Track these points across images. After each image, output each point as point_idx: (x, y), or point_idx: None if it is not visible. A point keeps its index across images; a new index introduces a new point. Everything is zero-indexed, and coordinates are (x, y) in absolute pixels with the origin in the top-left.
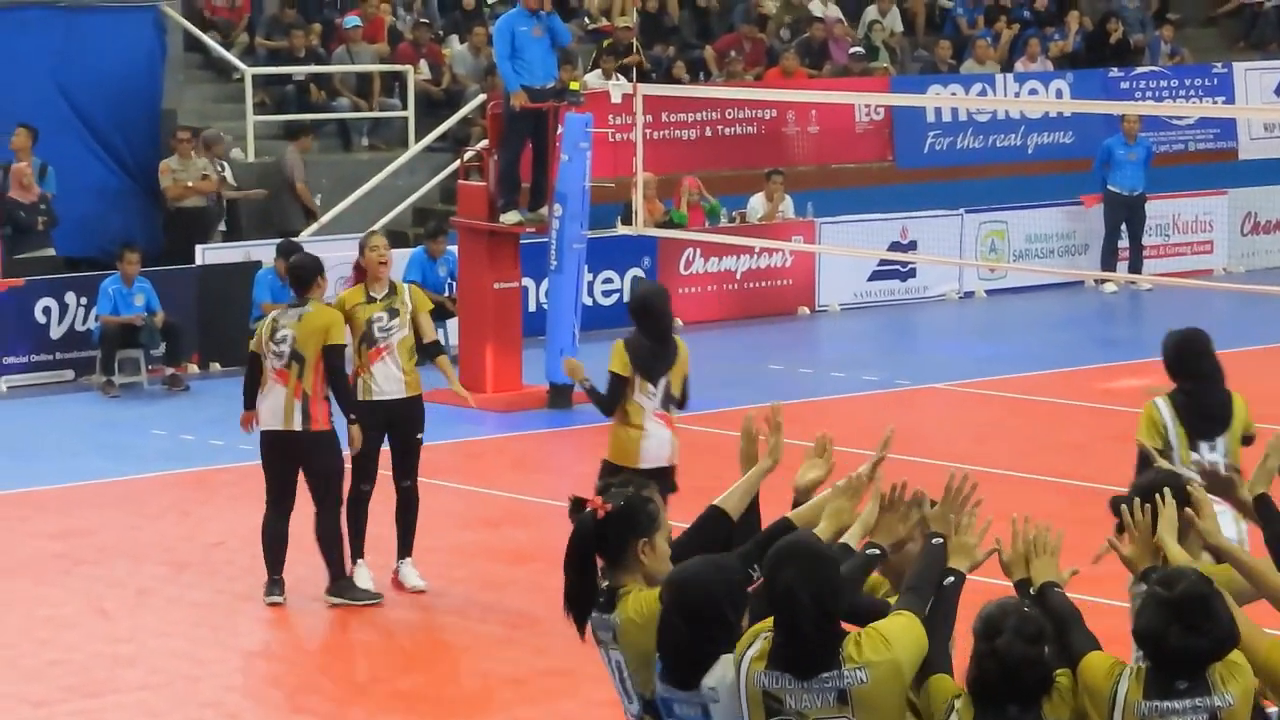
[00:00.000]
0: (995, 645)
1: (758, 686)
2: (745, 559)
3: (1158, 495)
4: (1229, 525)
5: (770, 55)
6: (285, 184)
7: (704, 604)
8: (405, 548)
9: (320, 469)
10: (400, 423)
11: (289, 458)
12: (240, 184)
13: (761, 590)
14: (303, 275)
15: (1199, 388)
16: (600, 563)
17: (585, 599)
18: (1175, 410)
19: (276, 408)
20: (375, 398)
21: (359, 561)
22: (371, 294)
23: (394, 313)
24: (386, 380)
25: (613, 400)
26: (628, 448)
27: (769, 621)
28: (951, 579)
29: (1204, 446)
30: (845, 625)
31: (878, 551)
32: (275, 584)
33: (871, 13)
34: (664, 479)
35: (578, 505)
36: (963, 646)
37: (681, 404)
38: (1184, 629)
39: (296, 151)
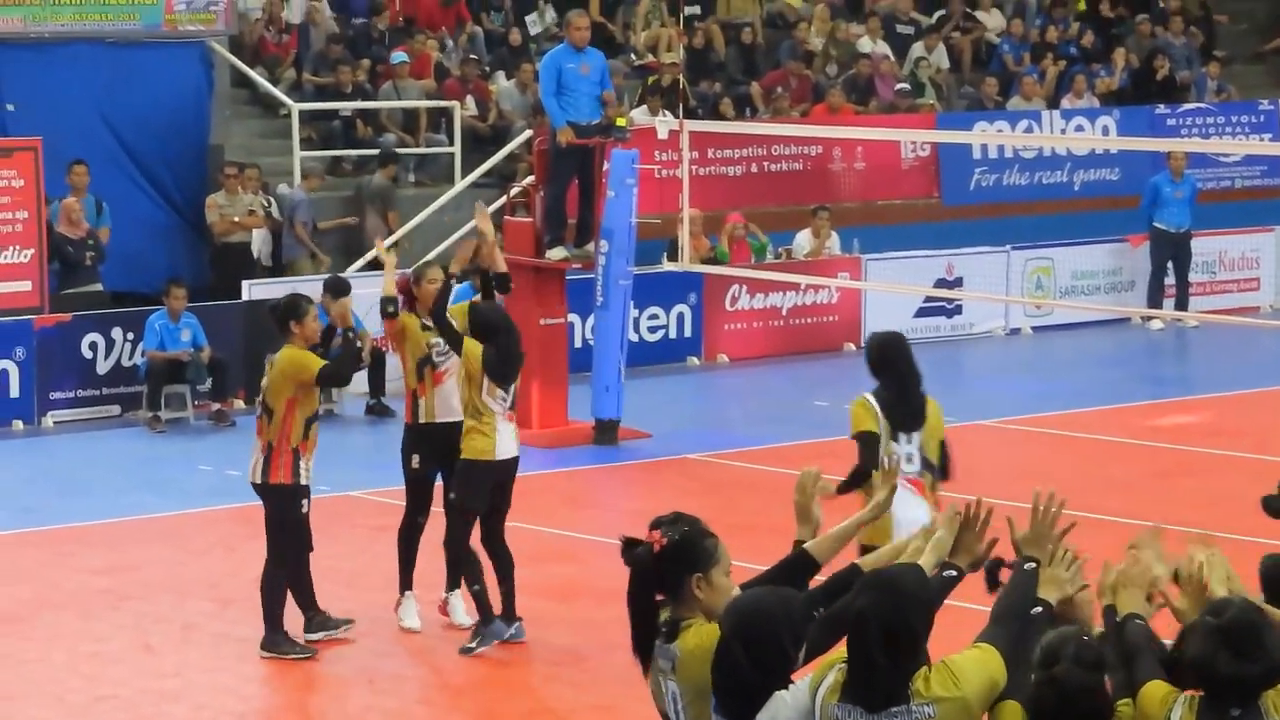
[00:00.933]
0: (1053, 673)
1: (830, 718)
2: (810, 603)
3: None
4: (921, 511)
5: (816, 91)
6: (378, 211)
7: (763, 631)
8: (454, 579)
9: (271, 521)
10: (454, 448)
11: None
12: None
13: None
14: (274, 318)
15: (899, 386)
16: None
17: (648, 636)
18: (881, 405)
19: (250, 460)
20: (438, 419)
21: (407, 594)
22: (426, 322)
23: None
24: (446, 404)
25: (450, 339)
26: (485, 446)
27: (843, 652)
28: (1039, 609)
29: (902, 438)
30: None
31: (955, 573)
32: (311, 621)
33: (918, 49)
34: (514, 468)
35: (630, 545)
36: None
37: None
38: (1234, 655)
39: (385, 178)
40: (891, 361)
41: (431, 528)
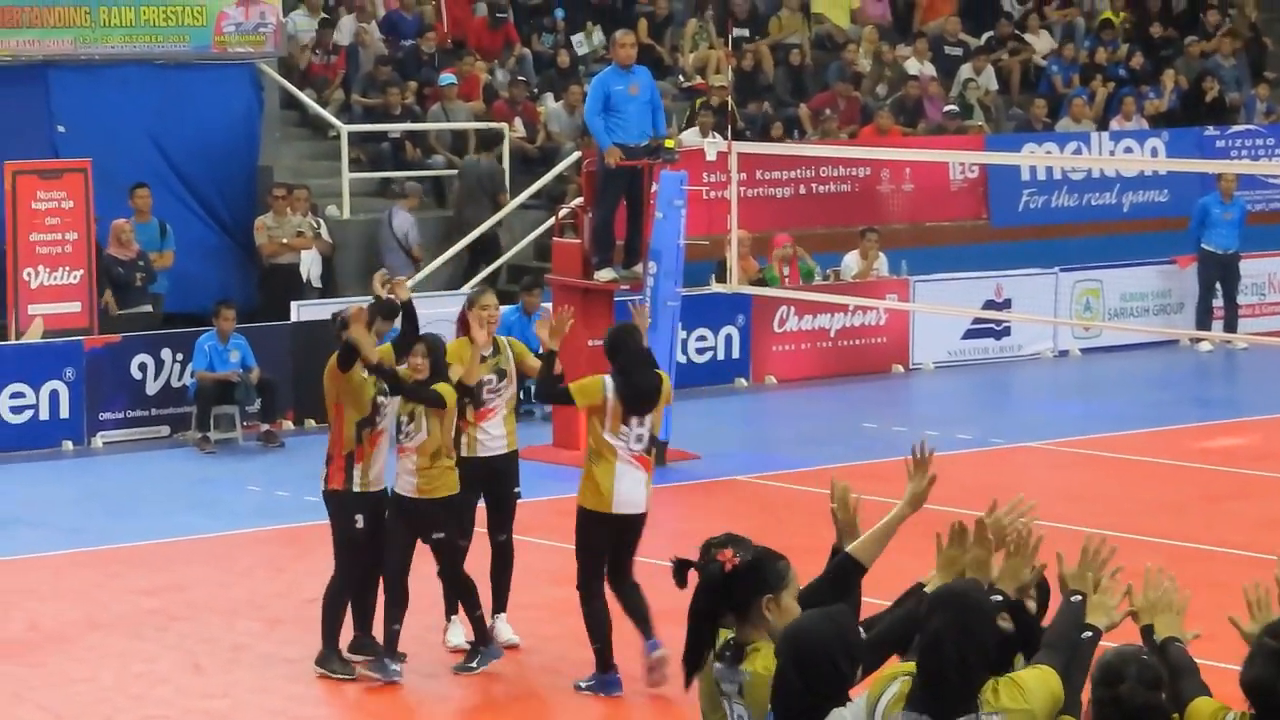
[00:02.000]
0: (1118, 692)
1: None
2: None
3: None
4: (640, 484)
5: (865, 113)
6: (487, 193)
7: (818, 655)
8: (500, 603)
9: (334, 533)
10: (498, 477)
11: None
12: (335, 240)
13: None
14: (332, 326)
15: (629, 373)
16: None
17: (701, 651)
18: (615, 389)
19: None
20: (479, 454)
21: (452, 618)
22: (480, 353)
23: (502, 374)
24: (492, 438)
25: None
26: (449, 475)
27: (906, 665)
28: (1089, 634)
29: (634, 421)
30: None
31: (1001, 598)
32: (358, 641)
33: (966, 71)
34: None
35: (682, 565)
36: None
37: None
38: None
39: (491, 159)
40: (617, 349)
41: (429, 557)
